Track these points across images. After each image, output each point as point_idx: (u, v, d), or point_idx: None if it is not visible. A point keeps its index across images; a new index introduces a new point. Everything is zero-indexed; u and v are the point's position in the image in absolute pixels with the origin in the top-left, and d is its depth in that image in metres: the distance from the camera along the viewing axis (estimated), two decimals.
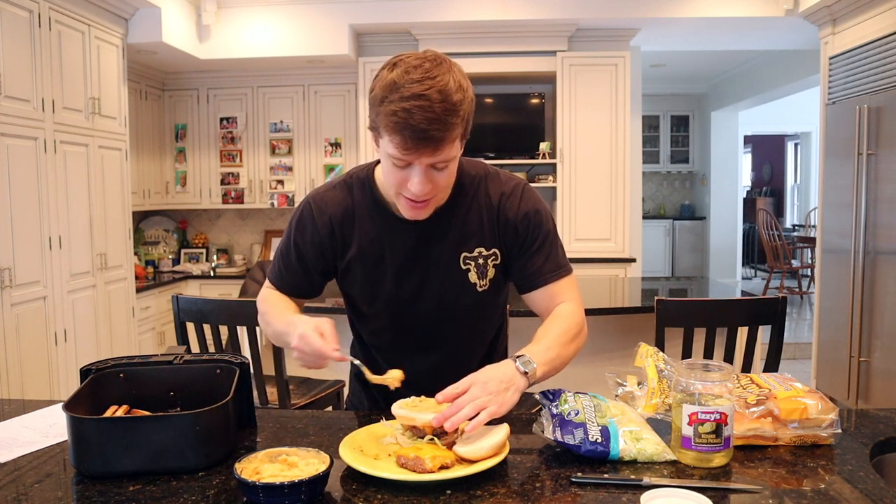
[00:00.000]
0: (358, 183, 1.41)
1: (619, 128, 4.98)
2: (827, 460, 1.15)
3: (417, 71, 1.16)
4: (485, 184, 1.40)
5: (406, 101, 1.14)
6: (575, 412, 1.20)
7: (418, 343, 1.45)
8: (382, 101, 1.17)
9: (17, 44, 3.33)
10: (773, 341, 2.24)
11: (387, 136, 1.19)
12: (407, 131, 1.15)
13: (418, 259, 1.39)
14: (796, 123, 9.32)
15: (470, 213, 1.38)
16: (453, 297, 1.41)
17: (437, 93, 1.15)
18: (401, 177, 1.24)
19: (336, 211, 1.40)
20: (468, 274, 1.39)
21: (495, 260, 1.41)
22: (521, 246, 1.40)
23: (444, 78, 1.16)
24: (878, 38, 3.82)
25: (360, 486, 1.08)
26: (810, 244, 7.48)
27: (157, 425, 1.13)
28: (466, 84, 1.21)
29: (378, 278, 1.40)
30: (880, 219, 3.79)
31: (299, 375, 2.91)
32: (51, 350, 3.56)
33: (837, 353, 4.21)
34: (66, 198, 3.72)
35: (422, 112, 1.14)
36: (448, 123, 1.16)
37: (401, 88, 1.15)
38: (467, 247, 1.39)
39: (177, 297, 2.44)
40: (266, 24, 4.90)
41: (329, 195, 1.41)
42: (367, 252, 1.39)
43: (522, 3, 4.77)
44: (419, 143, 1.16)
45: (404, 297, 1.41)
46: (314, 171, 5.59)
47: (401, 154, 1.19)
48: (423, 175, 1.22)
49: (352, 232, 1.39)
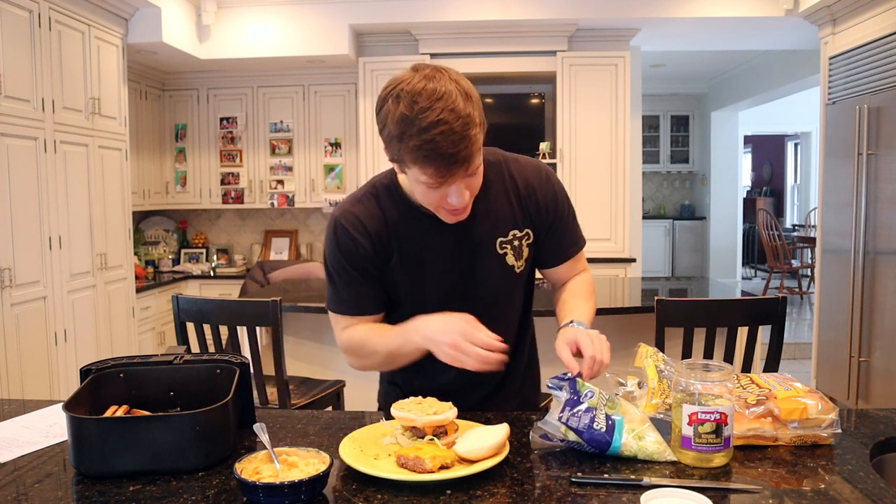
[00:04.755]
0: (384, 191, 1.40)
1: (619, 128, 4.98)
2: (827, 460, 1.15)
3: (423, 97, 1.15)
4: (507, 168, 1.43)
5: (426, 132, 1.14)
6: (590, 394, 1.21)
7: None
8: (401, 137, 1.17)
9: (17, 44, 3.33)
10: (773, 341, 2.24)
11: (416, 169, 1.20)
12: (438, 160, 1.17)
13: (458, 254, 1.40)
14: (796, 123, 9.31)
15: (499, 200, 1.41)
16: (495, 284, 1.43)
17: (450, 113, 1.15)
18: (437, 196, 1.25)
19: (370, 222, 1.38)
20: (506, 258, 1.42)
21: (528, 239, 1.44)
22: (550, 226, 1.45)
23: (450, 93, 1.16)
24: (878, 38, 3.82)
25: (360, 486, 1.08)
26: (810, 244, 7.48)
27: (157, 425, 1.13)
28: (467, 86, 1.21)
29: (422, 280, 1.41)
30: (880, 219, 3.79)
31: (299, 375, 2.92)
32: (51, 350, 3.56)
33: (837, 353, 4.21)
34: (66, 198, 3.72)
35: (445, 137, 1.15)
36: (470, 137, 1.17)
37: (415, 121, 1.15)
38: (502, 231, 1.41)
39: (177, 297, 2.44)
40: (266, 24, 4.90)
41: (358, 209, 1.39)
42: (407, 257, 1.39)
43: (522, 3, 4.77)
44: (451, 168, 1.18)
45: (449, 294, 1.42)
46: (314, 171, 5.59)
47: (437, 180, 1.20)
48: (460, 189, 1.24)
49: (389, 240, 1.39)
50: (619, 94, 4.95)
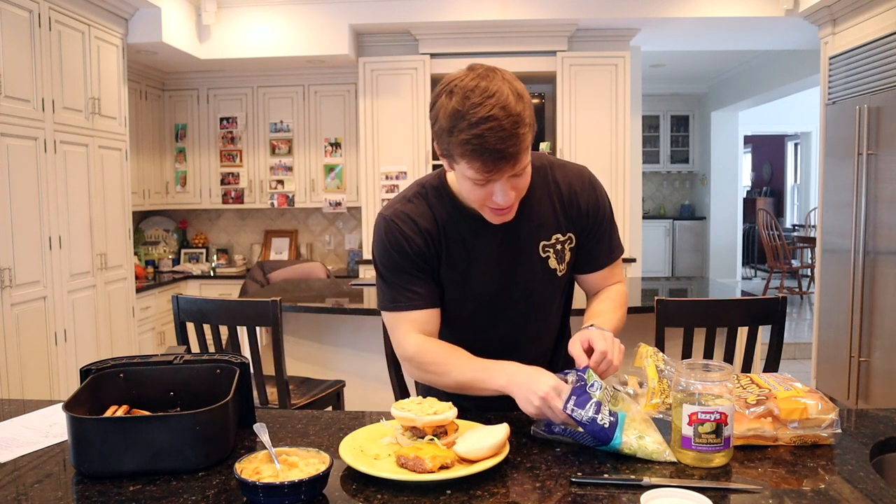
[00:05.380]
0: (433, 191, 1.43)
1: (619, 128, 4.98)
2: (827, 460, 1.15)
3: (475, 93, 1.18)
4: (552, 173, 1.45)
5: (475, 126, 1.17)
6: (598, 386, 1.21)
7: (504, 332, 1.48)
8: (451, 131, 1.20)
9: (17, 44, 3.33)
10: (773, 341, 2.24)
11: (464, 163, 1.22)
12: (485, 155, 1.18)
13: (502, 256, 1.42)
14: (796, 123, 9.31)
15: (543, 204, 1.43)
16: (537, 286, 1.45)
17: (501, 110, 1.17)
18: (483, 193, 1.27)
19: (422, 220, 1.40)
20: (548, 261, 1.44)
21: (571, 244, 1.46)
22: (591, 231, 1.47)
23: (502, 92, 1.18)
24: (878, 38, 3.82)
25: (360, 486, 1.08)
26: (810, 244, 7.48)
27: (157, 425, 1.13)
28: (521, 87, 1.23)
29: (467, 280, 1.43)
30: (880, 219, 3.79)
31: (299, 375, 2.92)
32: (51, 350, 3.56)
33: (837, 353, 4.21)
34: (66, 198, 3.72)
35: (493, 133, 1.17)
36: (519, 136, 1.19)
37: (466, 115, 1.17)
38: (545, 235, 1.43)
39: (177, 297, 2.44)
40: (266, 24, 4.90)
41: (409, 208, 1.42)
42: (454, 256, 1.41)
43: (522, 3, 4.77)
44: (498, 163, 1.20)
45: (493, 294, 1.44)
46: (314, 171, 5.59)
47: (483, 176, 1.22)
48: (506, 187, 1.25)
49: (439, 240, 1.41)
50: (619, 94, 4.95)
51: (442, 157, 1.28)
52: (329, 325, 3.30)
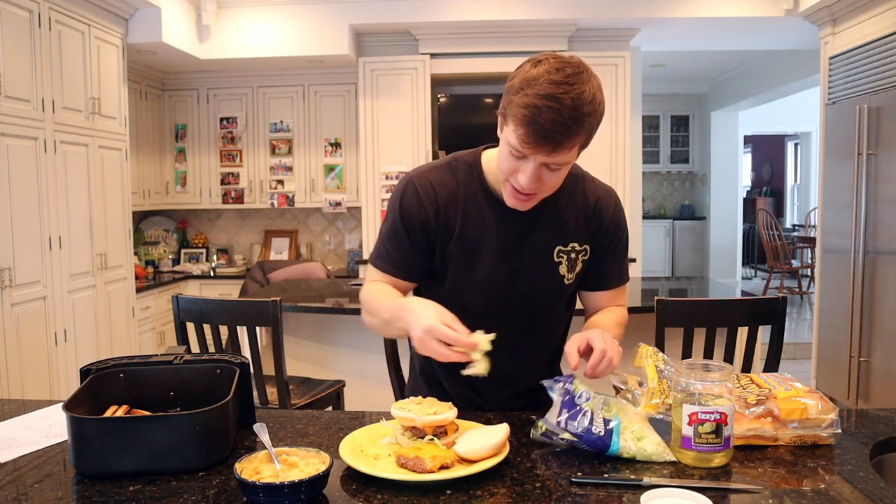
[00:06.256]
0: (464, 166, 1.43)
1: (619, 128, 4.98)
2: (827, 460, 1.15)
3: (559, 74, 1.19)
4: (582, 185, 1.46)
5: (540, 98, 1.18)
6: (587, 397, 1.21)
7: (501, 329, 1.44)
8: (518, 91, 1.21)
9: (17, 44, 3.33)
10: (773, 341, 2.24)
11: (512, 125, 1.23)
12: (532, 126, 1.19)
13: (515, 247, 1.42)
14: (796, 123, 9.31)
15: (567, 211, 1.43)
16: (542, 288, 1.45)
17: (570, 99, 1.18)
18: (514, 166, 1.27)
19: (441, 191, 1.41)
20: (559, 267, 1.44)
21: (585, 256, 1.47)
22: (605, 248, 1.48)
23: (582, 87, 1.19)
24: (878, 38, 3.82)
25: (360, 486, 1.08)
26: (810, 244, 7.48)
27: (157, 425, 1.13)
28: (600, 98, 1.23)
29: (474, 262, 1.42)
30: (880, 219, 3.79)
31: (299, 375, 2.92)
32: (51, 350, 3.56)
33: (837, 353, 4.21)
34: (66, 198, 3.72)
35: (551, 112, 1.17)
36: (571, 130, 1.19)
37: (538, 85, 1.18)
38: (562, 241, 1.44)
39: (177, 297, 2.44)
40: (266, 24, 4.90)
41: (433, 175, 1.42)
42: (468, 235, 1.41)
43: (522, 3, 4.77)
44: (539, 141, 1.20)
45: (497, 283, 1.43)
46: (314, 171, 5.59)
47: (520, 146, 1.22)
48: (535, 171, 1.26)
49: (455, 214, 1.40)
50: (619, 94, 4.95)
51: (499, 113, 1.29)
52: (329, 325, 3.30)
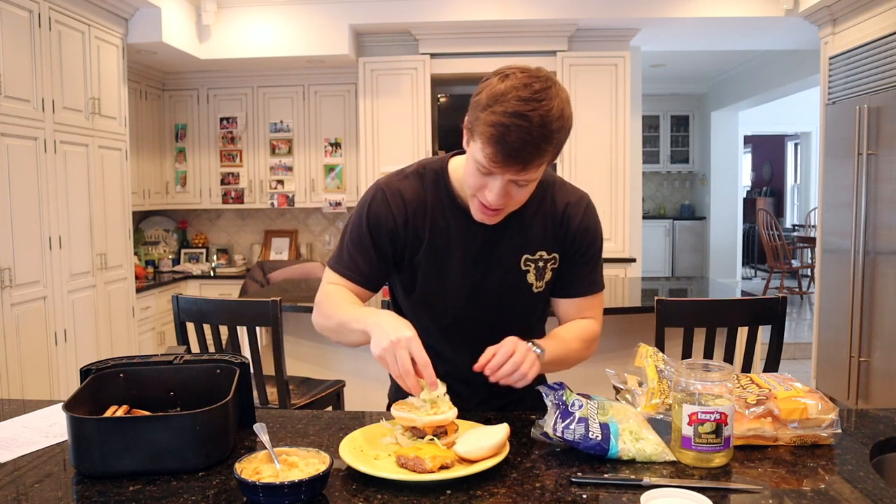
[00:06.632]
0: (431, 174, 1.42)
1: (619, 128, 4.98)
2: (827, 460, 1.15)
3: (527, 90, 1.17)
4: (552, 191, 1.43)
5: (508, 116, 1.16)
6: (579, 405, 1.21)
7: (466, 337, 1.46)
8: (486, 107, 1.19)
9: (17, 44, 3.33)
10: (773, 341, 2.24)
11: (480, 143, 1.21)
12: (500, 146, 1.17)
13: (482, 256, 1.41)
14: (796, 123, 9.31)
15: (535, 219, 1.41)
16: (511, 296, 1.44)
17: (539, 116, 1.16)
18: (481, 182, 1.26)
19: (410, 200, 1.40)
20: (527, 275, 1.43)
21: (554, 264, 1.45)
22: (573, 256, 1.45)
23: (551, 104, 1.18)
24: (878, 38, 3.82)
25: (360, 486, 1.08)
26: (810, 244, 7.47)
27: (157, 425, 1.13)
28: (569, 113, 1.22)
29: (443, 271, 1.42)
30: (880, 219, 3.79)
31: (299, 375, 2.92)
32: (51, 350, 3.56)
33: (837, 353, 4.21)
34: (66, 198, 3.72)
35: (519, 132, 1.16)
36: (541, 148, 1.18)
37: (506, 102, 1.17)
38: (529, 250, 1.42)
39: (177, 297, 2.44)
40: (266, 24, 4.90)
41: (403, 184, 1.41)
42: (435, 244, 1.41)
43: (522, 3, 4.77)
44: (507, 160, 1.19)
45: (465, 291, 1.43)
46: (314, 171, 5.59)
47: (488, 164, 1.21)
48: (503, 187, 1.24)
49: (424, 223, 1.40)
50: (619, 94, 4.95)
51: (465, 128, 1.27)
52: None
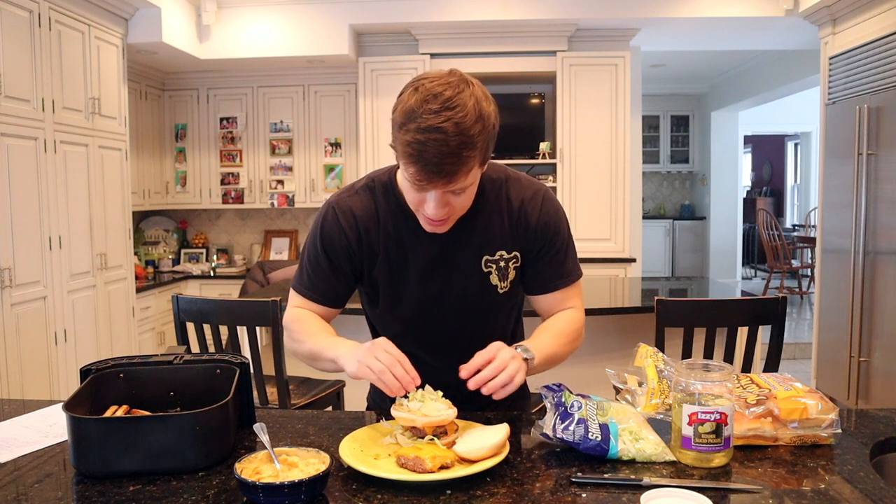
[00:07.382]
0: (380, 187, 1.41)
1: (619, 128, 4.98)
2: (827, 460, 1.15)
3: (437, 100, 1.14)
4: (506, 188, 1.40)
5: (422, 132, 1.13)
6: (578, 406, 1.21)
7: (440, 343, 1.46)
8: (401, 127, 1.17)
9: (17, 44, 3.33)
10: (773, 341, 2.24)
11: (402, 163, 1.20)
12: (420, 164, 1.15)
13: (441, 263, 1.39)
14: (796, 123, 9.32)
15: (492, 218, 1.39)
16: (475, 299, 1.42)
17: (453, 125, 1.13)
18: (418, 198, 1.25)
19: (362, 216, 1.39)
20: (490, 276, 1.41)
21: (516, 262, 1.42)
22: (538, 252, 1.41)
23: (465, 109, 1.14)
24: (878, 38, 3.82)
25: (360, 486, 1.08)
26: (810, 244, 7.48)
27: (157, 425, 1.13)
28: (489, 110, 1.19)
29: (402, 281, 1.41)
30: (880, 219, 3.79)
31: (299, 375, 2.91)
32: (51, 350, 3.56)
33: (837, 353, 4.21)
34: (66, 198, 3.72)
35: (436, 146, 1.13)
36: (462, 157, 1.15)
37: (418, 118, 1.14)
38: (489, 250, 1.40)
39: (177, 297, 2.44)
40: (266, 24, 4.90)
41: (353, 200, 1.41)
42: (392, 255, 1.40)
43: (522, 3, 4.77)
44: (432, 176, 1.16)
45: (428, 300, 1.41)
46: (314, 171, 5.59)
47: (414, 182, 1.20)
48: (439, 199, 1.23)
49: (378, 236, 1.39)
50: (619, 94, 4.95)
51: (391, 146, 1.25)
52: None
